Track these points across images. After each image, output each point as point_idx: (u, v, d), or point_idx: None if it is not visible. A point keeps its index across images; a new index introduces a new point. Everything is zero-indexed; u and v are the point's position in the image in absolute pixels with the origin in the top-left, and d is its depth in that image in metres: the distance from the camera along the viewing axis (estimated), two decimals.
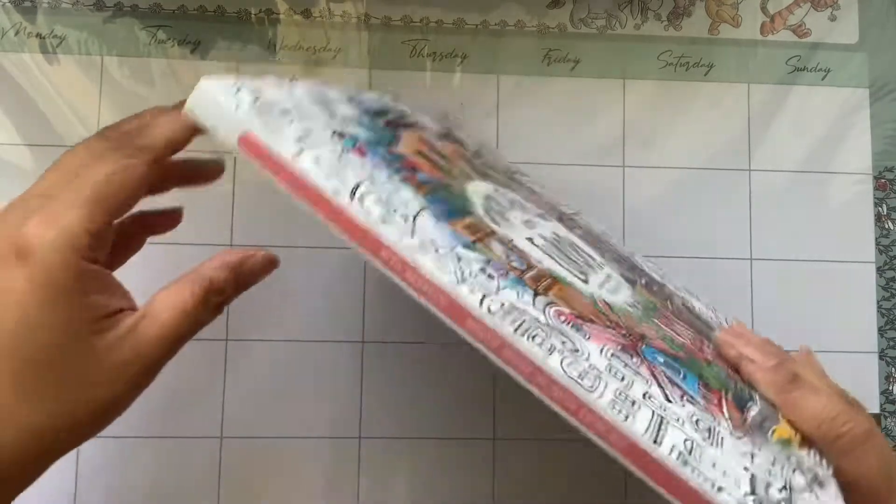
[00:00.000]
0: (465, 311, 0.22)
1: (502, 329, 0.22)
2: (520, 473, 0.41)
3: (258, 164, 0.23)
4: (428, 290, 0.22)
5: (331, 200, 0.22)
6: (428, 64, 0.43)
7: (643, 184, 0.43)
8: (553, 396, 0.22)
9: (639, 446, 0.22)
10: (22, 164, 0.40)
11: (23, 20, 0.41)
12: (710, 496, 0.21)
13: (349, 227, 0.22)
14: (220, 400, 0.40)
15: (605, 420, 0.22)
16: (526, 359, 0.22)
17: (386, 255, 0.22)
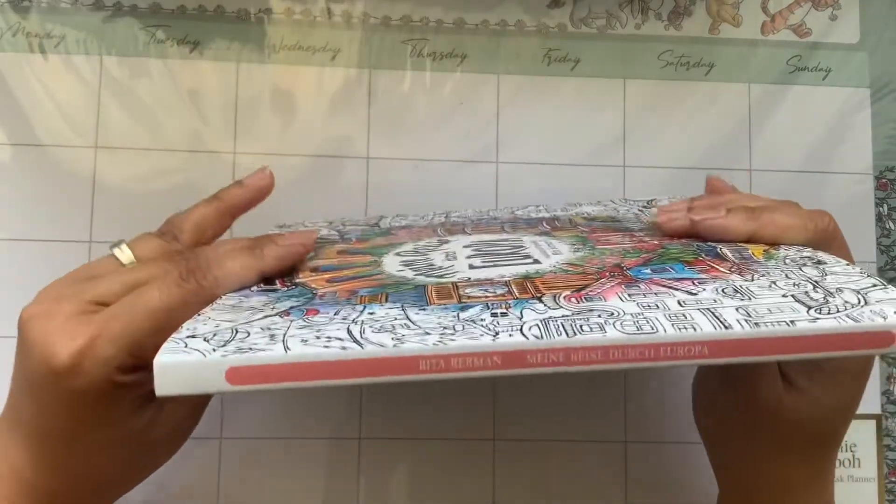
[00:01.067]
0: (520, 353, 0.23)
1: (558, 342, 0.23)
2: (520, 473, 0.41)
3: (259, 385, 0.23)
4: (478, 364, 0.23)
5: (346, 359, 0.23)
6: (428, 64, 0.43)
7: (643, 184, 0.43)
8: (632, 358, 0.23)
9: (722, 341, 0.23)
10: (21, 163, 0.40)
11: (21, 20, 0.41)
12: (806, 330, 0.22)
13: (378, 367, 0.23)
14: (220, 400, 0.40)
15: (690, 342, 0.23)
16: (592, 349, 0.23)
17: (425, 364, 0.23)
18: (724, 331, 0.23)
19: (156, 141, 0.41)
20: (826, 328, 0.23)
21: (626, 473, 0.41)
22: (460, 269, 0.30)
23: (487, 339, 0.23)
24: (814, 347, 0.23)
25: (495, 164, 0.42)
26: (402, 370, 0.23)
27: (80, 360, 0.27)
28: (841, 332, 0.23)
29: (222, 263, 0.30)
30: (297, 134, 0.42)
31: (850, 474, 0.42)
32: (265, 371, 0.23)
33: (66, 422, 0.28)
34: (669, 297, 0.25)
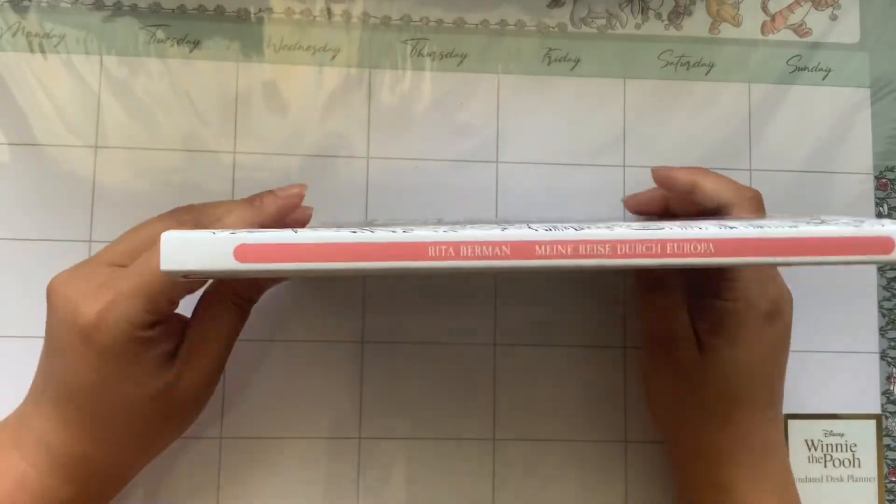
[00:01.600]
0: (529, 244, 0.23)
1: (566, 234, 0.23)
2: (520, 473, 0.41)
3: (268, 264, 0.23)
4: (487, 252, 0.23)
5: (357, 241, 0.23)
6: (427, 63, 0.43)
7: (643, 184, 0.42)
8: (639, 254, 0.23)
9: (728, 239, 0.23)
10: (18, 163, 0.40)
11: (21, 19, 0.41)
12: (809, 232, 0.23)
13: (387, 251, 0.23)
14: (220, 400, 0.40)
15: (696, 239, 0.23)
16: (600, 242, 0.23)
17: (434, 250, 0.23)
18: (729, 230, 0.23)
19: (156, 140, 0.41)
20: (829, 231, 0.23)
21: (626, 473, 0.41)
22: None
23: (497, 231, 0.23)
24: (816, 250, 0.23)
25: (495, 164, 0.42)
26: (412, 255, 0.23)
27: (103, 318, 0.29)
28: (843, 236, 0.23)
29: (226, 217, 0.32)
30: (297, 134, 0.42)
31: (850, 474, 0.42)
32: (275, 250, 0.23)
33: (91, 379, 0.30)
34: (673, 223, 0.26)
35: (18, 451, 0.31)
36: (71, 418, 0.31)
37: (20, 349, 0.34)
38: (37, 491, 0.31)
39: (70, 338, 0.30)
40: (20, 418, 0.32)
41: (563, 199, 0.42)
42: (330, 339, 0.41)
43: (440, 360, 0.41)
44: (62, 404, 0.31)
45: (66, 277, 0.31)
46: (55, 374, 0.31)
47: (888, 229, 0.23)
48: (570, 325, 0.42)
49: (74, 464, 0.31)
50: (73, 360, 0.30)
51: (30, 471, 0.31)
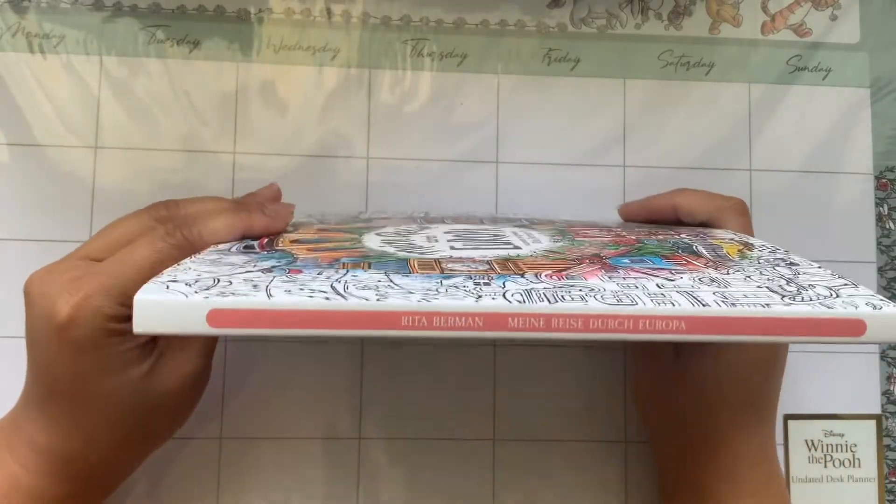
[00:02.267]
0: (502, 316, 0.23)
1: (539, 307, 0.23)
2: (520, 473, 0.41)
3: (240, 329, 0.23)
4: (460, 324, 0.23)
5: (329, 309, 0.23)
6: (427, 63, 0.43)
7: (643, 184, 0.43)
8: (612, 329, 0.23)
9: (700, 317, 0.23)
10: (18, 163, 0.40)
11: (21, 20, 0.41)
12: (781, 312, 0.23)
13: (360, 320, 0.23)
14: (220, 400, 0.40)
15: (668, 316, 0.23)
16: (573, 316, 0.23)
17: (407, 320, 0.23)
18: (701, 307, 0.23)
19: (155, 141, 0.41)
20: (800, 312, 0.23)
21: (626, 473, 0.41)
22: (442, 249, 0.30)
23: (470, 301, 0.23)
24: (787, 330, 0.23)
25: (495, 164, 0.42)
26: (385, 324, 0.23)
27: (77, 313, 0.29)
28: (814, 317, 0.23)
29: (207, 221, 0.32)
30: (297, 134, 0.42)
31: (850, 474, 0.42)
32: (247, 315, 0.22)
33: (69, 374, 0.30)
34: (648, 281, 0.26)
35: (10, 452, 0.31)
36: (55, 416, 0.31)
37: (20, 349, 0.34)
38: (29, 491, 0.31)
39: (47, 333, 0.30)
40: (11, 419, 0.32)
41: (563, 199, 0.42)
42: (330, 339, 0.41)
43: (440, 360, 0.41)
44: (46, 402, 0.31)
45: (42, 274, 0.31)
46: (37, 372, 0.31)
47: (860, 311, 0.23)
48: None
49: (63, 463, 0.31)
50: (51, 355, 0.30)
51: (21, 471, 0.31)
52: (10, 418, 0.33)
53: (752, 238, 0.33)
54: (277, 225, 0.34)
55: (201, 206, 0.33)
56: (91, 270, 0.30)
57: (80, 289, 0.29)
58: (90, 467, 0.32)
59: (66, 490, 0.32)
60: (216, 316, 0.22)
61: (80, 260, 0.31)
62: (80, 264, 0.31)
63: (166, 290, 0.23)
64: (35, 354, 0.31)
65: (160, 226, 0.32)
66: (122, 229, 0.32)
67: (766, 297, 0.24)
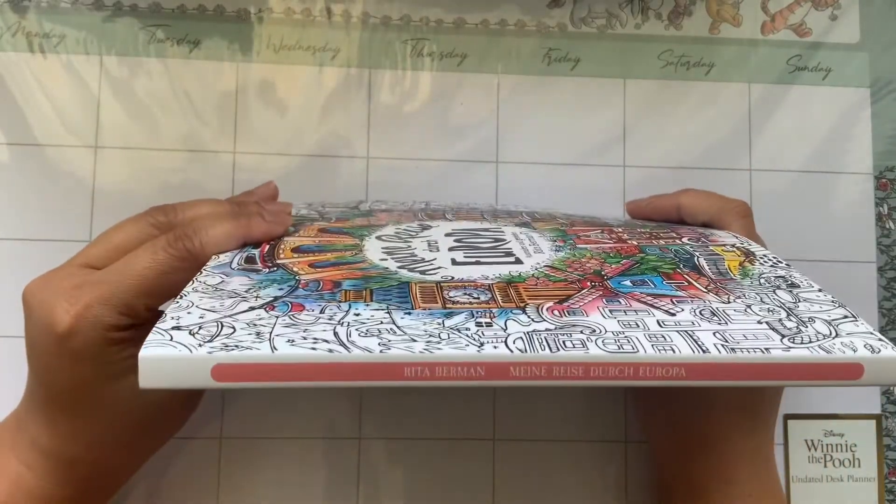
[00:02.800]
0: (504, 365, 0.23)
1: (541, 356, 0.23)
2: (520, 473, 0.41)
3: (245, 383, 0.23)
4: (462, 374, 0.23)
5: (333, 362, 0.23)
6: (427, 63, 0.43)
7: (643, 184, 0.43)
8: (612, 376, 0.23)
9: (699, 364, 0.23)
10: (18, 163, 0.40)
11: (21, 20, 0.41)
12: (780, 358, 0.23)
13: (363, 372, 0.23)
14: (219, 400, 0.40)
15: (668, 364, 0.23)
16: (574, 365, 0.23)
17: (410, 371, 0.23)
18: (701, 354, 0.23)
19: (155, 141, 0.41)
20: (799, 357, 0.24)
21: (626, 473, 0.41)
22: (443, 263, 0.30)
23: (473, 350, 0.23)
24: (786, 375, 0.24)
25: (495, 164, 0.42)
26: (388, 376, 0.23)
27: (77, 323, 0.29)
28: (812, 363, 0.23)
29: (208, 230, 0.31)
30: (297, 134, 0.42)
31: (850, 474, 0.42)
32: (252, 370, 0.23)
33: (70, 382, 0.30)
34: (649, 317, 0.26)
35: (14, 452, 0.31)
36: (58, 421, 0.31)
37: (20, 349, 0.34)
38: (34, 492, 0.31)
39: (47, 342, 0.29)
40: (16, 420, 0.33)
41: (563, 199, 0.42)
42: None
43: None
44: (48, 407, 0.31)
45: (41, 283, 0.31)
46: (37, 377, 0.31)
47: (859, 355, 0.23)
48: None
49: (67, 466, 0.31)
50: (52, 363, 0.30)
51: (26, 473, 0.31)
52: (14, 419, 0.33)
53: (753, 245, 0.33)
54: (277, 230, 0.33)
55: (200, 210, 0.33)
56: (91, 280, 0.30)
57: (79, 299, 0.29)
58: (93, 471, 0.32)
59: (69, 492, 0.32)
60: (221, 371, 0.23)
61: (79, 268, 0.31)
62: (80, 272, 0.31)
63: (170, 343, 0.23)
64: (36, 361, 0.31)
65: (160, 233, 0.31)
66: (121, 236, 0.32)
67: (766, 338, 0.24)
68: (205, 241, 0.31)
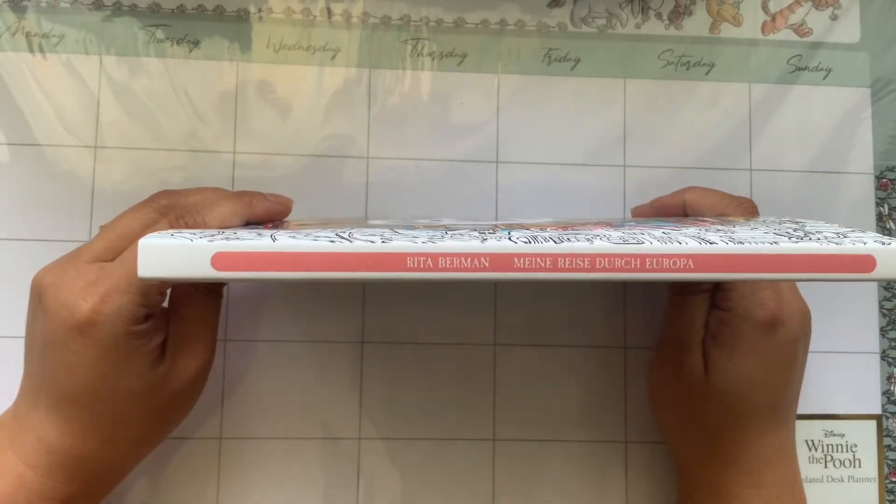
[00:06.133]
0: (508, 256, 0.23)
1: (546, 247, 0.23)
2: (520, 473, 0.41)
3: (245, 273, 0.23)
4: (465, 265, 0.23)
5: (334, 251, 0.23)
6: (427, 63, 0.43)
7: (643, 184, 0.43)
8: (618, 268, 0.23)
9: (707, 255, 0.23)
10: (18, 163, 0.40)
11: (20, 19, 0.41)
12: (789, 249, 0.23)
13: (365, 261, 0.23)
14: (219, 400, 0.40)
15: (675, 255, 0.23)
16: (580, 255, 0.23)
17: (412, 262, 0.23)
18: (709, 245, 0.23)
19: (155, 140, 0.41)
20: (809, 248, 0.23)
21: (626, 473, 0.41)
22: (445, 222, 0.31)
23: (476, 242, 0.23)
24: (796, 267, 0.23)
25: (495, 164, 0.42)
26: (390, 266, 0.23)
27: (98, 314, 0.29)
28: (823, 253, 0.23)
29: (212, 208, 0.32)
30: (297, 133, 0.42)
31: (850, 474, 0.42)
32: (252, 258, 0.23)
33: (89, 376, 0.30)
34: (654, 230, 0.26)
35: (15, 451, 0.31)
36: (71, 418, 0.31)
37: (21, 349, 0.34)
38: (35, 491, 0.31)
39: (66, 336, 0.30)
40: (15, 418, 0.32)
41: (564, 199, 0.42)
42: (330, 339, 0.41)
43: (440, 360, 0.41)
44: (62, 404, 0.31)
45: (54, 278, 0.31)
46: (52, 374, 0.31)
47: (870, 247, 0.23)
48: (570, 325, 0.42)
49: (74, 463, 0.31)
50: (70, 358, 0.30)
51: (28, 472, 0.31)
52: (14, 416, 0.33)
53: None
54: (279, 209, 0.34)
55: (202, 195, 0.34)
56: (104, 273, 0.30)
57: (97, 291, 0.29)
58: (100, 468, 0.32)
59: (74, 489, 0.32)
60: (221, 259, 0.22)
61: (88, 264, 0.31)
62: (92, 268, 0.31)
63: (170, 237, 0.23)
64: (51, 358, 0.31)
65: (163, 218, 0.32)
66: (124, 225, 0.32)
67: (774, 239, 0.24)
68: (208, 218, 0.32)
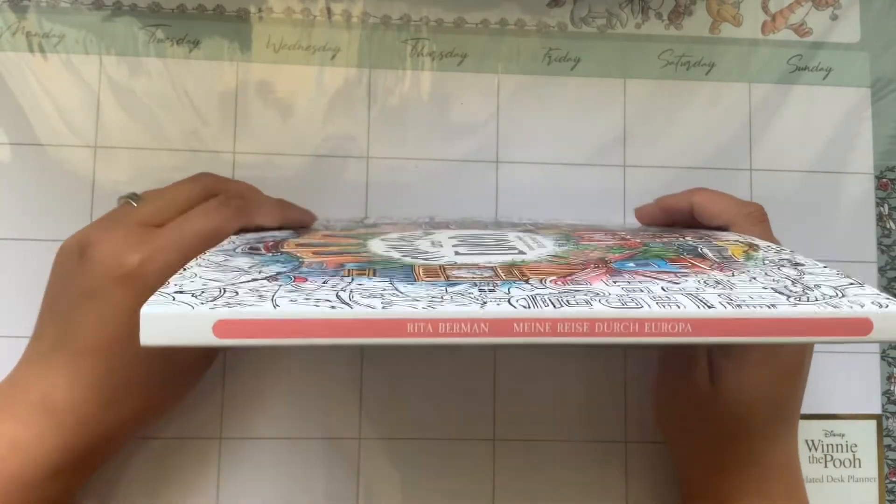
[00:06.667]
0: (508, 322, 0.23)
1: (545, 312, 0.23)
2: (520, 473, 0.41)
3: (246, 340, 0.23)
4: (465, 330, 0.23)
5: (335, 318, 0.23)
6: (427, 63, 0.43)
7: (643, 184, 0.43)
8: (617, 332, 0.23)
9: (705, 319, 0.23)
10: (18, 163, 0.40)
11: (21, 19, 0.41)
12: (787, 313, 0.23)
13: (366, 328, 0.23)
14: (219, 400, 0.40)
15: (673, 319, 0.23)
16: (579, 321, 0.23)
17: (413, 327, 0.23)
18: (707, 310, 0.23)
19: (155, 140, 0.41)
20: (806, 312, 0.23)
21: (626, 473, 0.41)
22: (447, 254, 0.30)
23: (476, 307, 0.23)
24: (794, 331, 0.23)
25: (495, 164, 0.42)
26: (390, 332, 0.23)
27: (143, 268, 0.31)
28: (820, 318, 0.23)
29: (259, 207, 0.35)
30: (297, 133, 0.42)
31: (850, 474, 0.42)
32: (254, 326, 0.22)
33: (119, 329, 0.31)
34: (653, 285, 0.26)
35: (12, 414, 0.31)
36: (85, 372, 0.31)
37: (21, 349, 0.34)
38: (30, 454, 0.31)
39: (109, 285, 0.31)
40: (15, 382, 0.32)
41: (564, 200, 0.42)
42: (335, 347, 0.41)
43: (440, 360, 0.41)
44: (80, 357, 0.31)
45: (101, 234, 0.32)
46: (79, 326, 0.31)
47: (867, 310, 0.23)
48: None
49: (72, 426, 0.31)
50: (107, 309, 0.31)
51: (23, 433, 0.31)
52: (13, 381, 0.33)
53: (758, 240, 0.33)
54: (308, 219, 0.38)
55: (241, 186, 0.36)
56: (153, 236, 0.32)
57: (145, 249, 0.31)
58: (99, 432, 0.32)
59: (66, 457, 0.32)
60: (223, 327, 0.23)
61: (137, 226, 0.32)
62: (140, 229, 0.32)
63: (172, 302, 0.23)
64: (85, 309, 0.31)
65: (212, 197, 0.34)
66: (171, 196, 0.34)
67: (772, 298, 0.24)
68: (255, 215, 0.34)
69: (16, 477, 0.30)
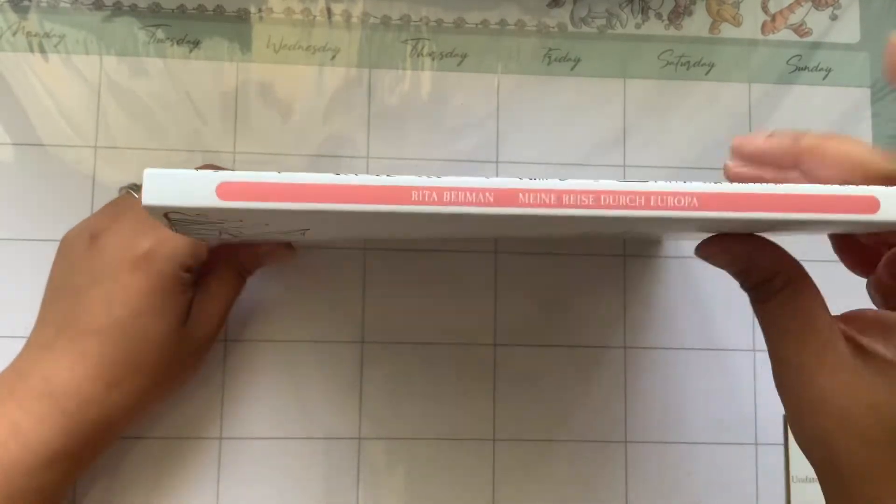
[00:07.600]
0: (513, 192, 0.23)
1: (550, 183, 0.23)
2: (520, 473, 0.41)
3: (249, 202, 0.23)
4: (470, 199, 0.23)
5: (339, 183, 0.23)
6: (427, 63, 0.43)
7: None
8: (623, 205, 0.23)
9: (712, 193, 0.23)
10: (21, 163, 0.40)
11: (21, 19, 0.41)
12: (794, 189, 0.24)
13: (370, 194, 0.23)
14: (219, 400, 0.40)
15: (680, 192, 0.23)
16: (584, 192, 0.23)
17: (417, 195, 0.23)
18: (713, 185, 0.23)
19: (156, 140, 0.41)
20: (813, 189, 0.24)
21: (626, 473, 0.41)
22: None
23: (481, 178, 0.23)
24: (800, 206, 0.23)
25: (495, 164, 0.42)
26: (394, 199, 0.23)
27: (153, 251, 0.32)
28: (827, 194, 0.24)
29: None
30: (297, 133, 0.42)
31: None
32: (256, 188, 0.23)
33: (126, 310, 0.32)
34: None
35: (15, 400, 0.31)
36: (90, 353, 0.32)
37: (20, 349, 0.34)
38: (31, 440, 0.31)
39: (119, 268, 0.32)
40: (17, 369, 0.33)
41: None
42: (330, 339, 0.41)
43: (440, 360, 0.41)
44: (86, 338, 0.32)
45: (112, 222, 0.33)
46: (88, 307, 0.32)
47: (874, 189, 0.24)
48: (570, 325, 0.42)
49: (74, 410, 0.31)
50: (117, 291, 0.32)
51: (25, 419, 0.31)
52: (17, 368, 0.33)
53: None
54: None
55: None
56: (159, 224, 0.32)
57: (155, 234, 0.32)
58: (101, 418, 0.32)
59: (66, 443, 0.32)
60: (226, 188, 0.23)
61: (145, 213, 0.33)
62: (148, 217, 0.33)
63: (179, 168, 0.23)
64: (95, 293, 0.32)
65: None
66: None
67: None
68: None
69: (17, 462, 0.31)
